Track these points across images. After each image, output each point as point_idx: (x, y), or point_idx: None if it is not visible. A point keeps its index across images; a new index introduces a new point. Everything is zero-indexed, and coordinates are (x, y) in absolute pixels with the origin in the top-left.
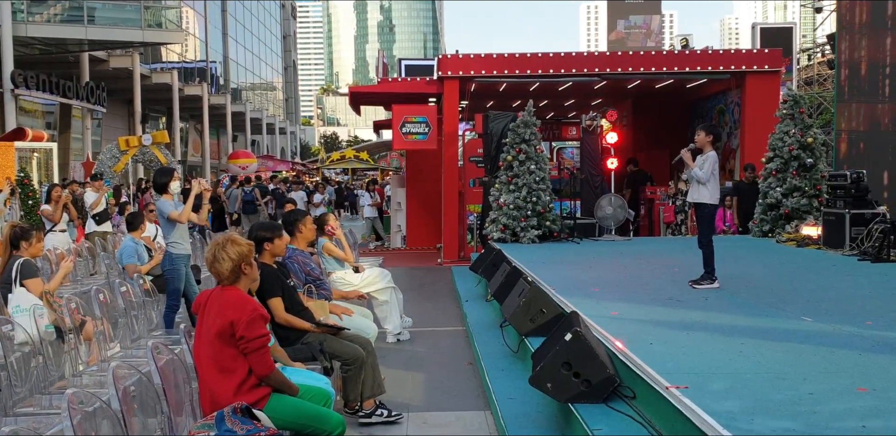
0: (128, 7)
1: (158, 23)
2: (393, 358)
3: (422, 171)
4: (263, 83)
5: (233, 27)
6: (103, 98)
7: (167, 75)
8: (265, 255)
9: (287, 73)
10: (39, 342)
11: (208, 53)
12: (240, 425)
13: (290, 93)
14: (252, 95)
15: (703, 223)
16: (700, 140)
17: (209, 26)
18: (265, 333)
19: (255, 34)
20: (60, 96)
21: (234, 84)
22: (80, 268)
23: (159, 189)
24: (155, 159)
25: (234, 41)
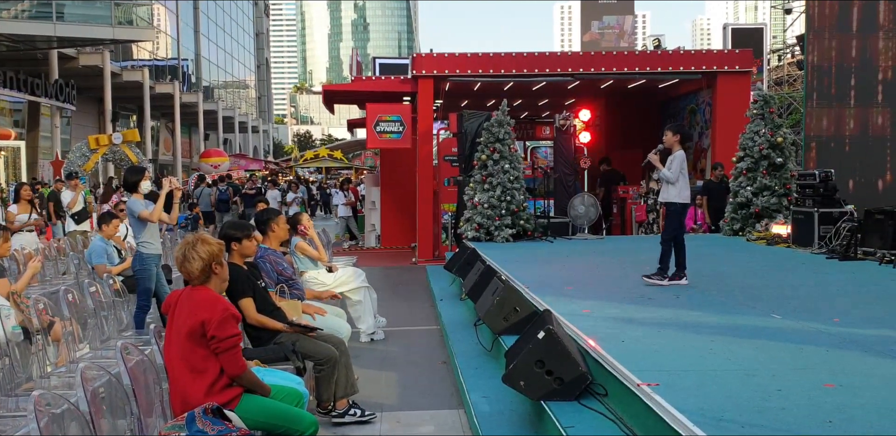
0: (98, 4)
1: (129, 20)
2: (367, 358)
3: (396, 170)
4: (236, 81)
5: (205, 25)
6: (73, 96)
7: (138, 73)
8: (234, 255)
9: (260, 71)
10: (6, 343)
11: (180, 51)
12: (210, 425)
13: (262, 91)
14: (224, 93)
15: (669, 220)
16: (668, 140)
17: (181, 24)
18: (237, 332)
19: (228, 32)
20: (28, 94)
21: (206, 82)
22: (50, 268)
23: (130, 188)
24: (125, 158)
25: (206, 39)
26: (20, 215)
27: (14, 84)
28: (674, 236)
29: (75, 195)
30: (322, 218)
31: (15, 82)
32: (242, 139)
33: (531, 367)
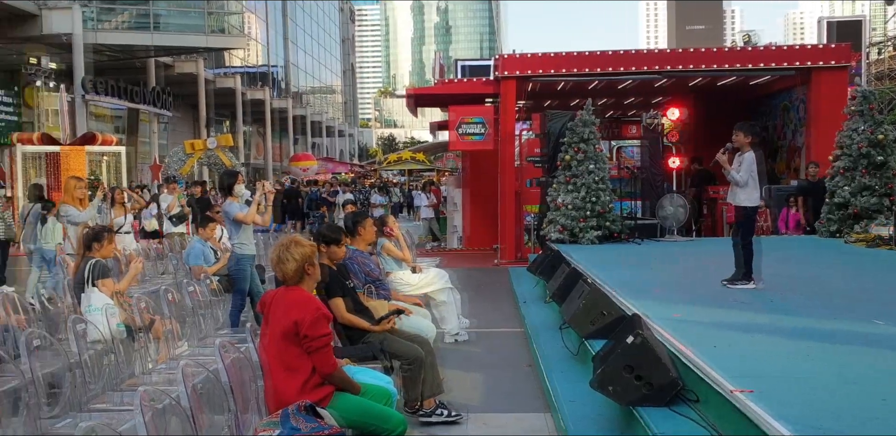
0: (192, 14)
1: (222, 28)
2: (452, 359)
3: (479, 171)
4: (323, 87)
5: (293, 32)
6: (170, 103)
7: (231, 80)
8: (324, 256)
9: (346, 76)
10: (111, 341)
11: (270, 58)
12: (304, 422)
13: (349, 95)
14: (313, 99)
15: (743, 225)
16: (738, 140)
17: (271, 31)
18: (328, 332)
19: (316, 38)
20: (129, 101)
21: (295, 88)
22: (149, 268)
23: (225, 191)
24: (220, 162)
25: (294, 46)
26: (117, 219)
27: (115, 92)
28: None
29: (173, 199)
30: (406, 219)
31: (116, 90)
32: (329, 143)
33: (620, 372)
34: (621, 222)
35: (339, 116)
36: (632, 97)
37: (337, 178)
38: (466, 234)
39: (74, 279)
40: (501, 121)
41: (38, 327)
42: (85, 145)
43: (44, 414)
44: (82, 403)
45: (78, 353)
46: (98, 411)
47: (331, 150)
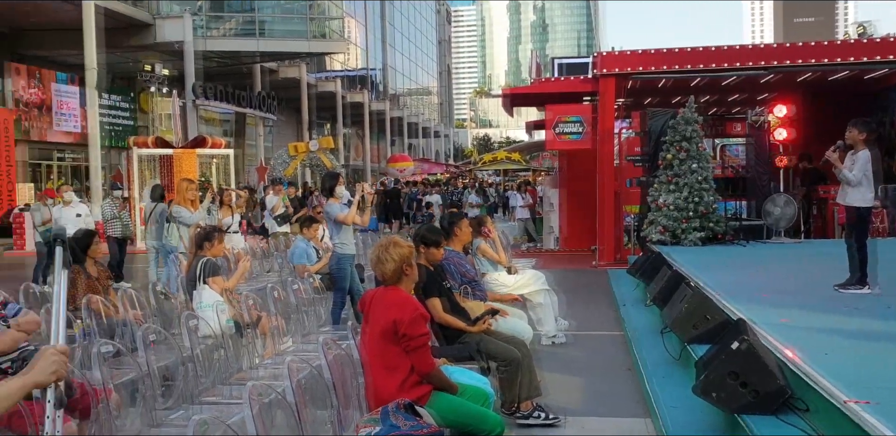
0: (295, 20)
1: (323, 33)
2: (549, 361)
3: (576, 171)
4: (420, 88)
5: (391, 35)
6: (274, 106)
7: (332, 84)
8: (422, 257)
9: (442, 77)
10: (221, 336)
11: (368, 61)
12: (403, 420)
13: (444, 97)
14: (409, 100)
15: (855, 226)
16: (852, 137)
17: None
18: (426, 332)
19: (413, 41)
20: (236, 106)
21: (392, 90)
22: (256, 266)
23: (327, 193)
24: (321, 164)
25: (392, 48)
26: (225, 219)
27: (223, 97)
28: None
29: (278, 200)
30: (501, 220)
31: (224, 95)
32: (426, 144)
33: (725, 378)
34: (725, 223)
35: (435, 117)
36: (736, 94)
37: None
38: (563, 234)
39: (187, 277)
40: (600, 119)
41: (154, 322)
42: (196, 148)
43: (159, 405)
44: (194, 395)
45: (190, 347)
46: (208, 404)
47: (427, 150)
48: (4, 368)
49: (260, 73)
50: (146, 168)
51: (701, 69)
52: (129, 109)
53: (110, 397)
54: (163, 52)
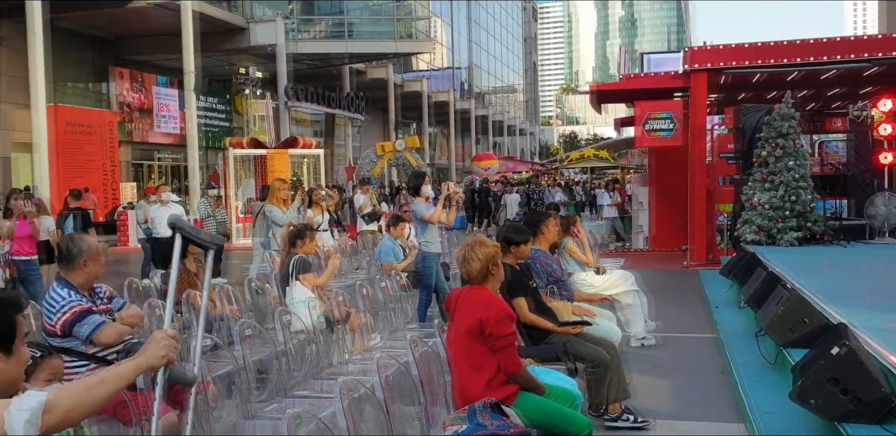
0: (383, 21)
1: (409, 34)
2: (638, 363)
3: (666, 168)
4: (505, 86)
5: (477, 33)
6: (362, 107)
7: (418, 84)
8: (509, 256)
9: (528, 74)
10: (313, 331)
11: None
12: (490, 419)
13: (530, 94)
14: (494, 98)
15: None
16: None
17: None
18: (512, 331)
19: (498, 39)
20: (326, 107)
21: (478, 88)
22: (345, 264)
23: (413, 192)
24: (407, 163)
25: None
26: (315, 218)
27: (314, 98)
28: None
29: (366, 199)
30: (588, 218)
31: (314, 96)
32: (511, 142)
33: (824, 384)
34: (824, 223)
35: (521, 115)
36: (836, 88)
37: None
38: (652, 234)
39: (280, 274)
40: (691, 116)
41: (249, 317)
42: (288, 148)
43: (254, 398)
44: (287, 389)
45: (283, 342)
46: (301, 398)
47: (512, 148)
48: (111, 359)
49: (348, 74)
50: (241, 168)
51: (798, 63)
52: (224, 111)
53: (208, 389)
54: (256, 56)
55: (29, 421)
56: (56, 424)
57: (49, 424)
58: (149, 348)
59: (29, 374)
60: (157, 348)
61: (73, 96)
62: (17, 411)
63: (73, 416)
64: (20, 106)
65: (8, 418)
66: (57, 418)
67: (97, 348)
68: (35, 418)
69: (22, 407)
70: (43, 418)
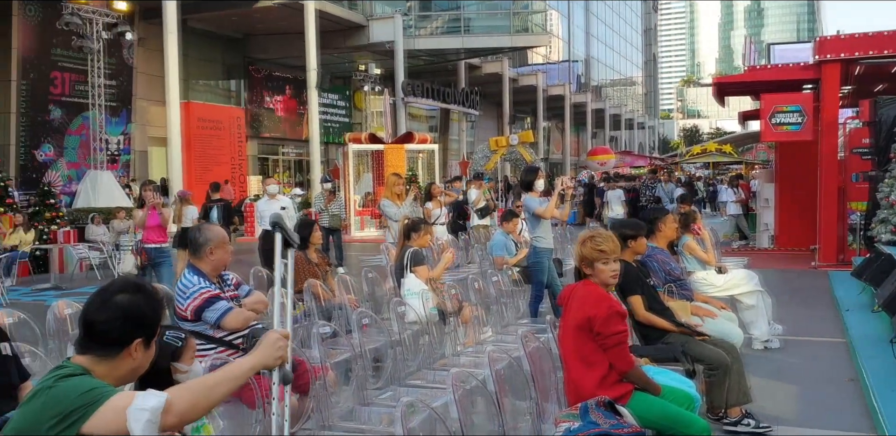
0: (498, 15)
1: (525, 28)
2: (760, 366)
3: (794, 164)
4: (623, 79)
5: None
6: (477, 102)
7: (533, 78)
8: (626, 252)
9: (647, 67)
10: (426, 323)
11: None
12: (603, 418)
13: (649, 87)
14: (612, 91)
15: None
16: None
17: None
18: (621, 329)
19: (616, 31)
20: (441, 102)
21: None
22: (457, 257)
23: (526, 187)
24: (521, 158)
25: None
26: (434, 211)
27: (429, 94)
28: None
29: (479, 193)
30: (709, 216)
31: (430, 92)
32: (628, 136)
33: None
34: None
35: (639, 108)
36: None
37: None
38: (778, 232)
39: (395, 265)
40: (822, 109)
41: (366, 307)
42: (404, 144)
43: (369, 385)
44: (401, 378)
45: (398, 332)
46: (414, 387)
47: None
48: (237, 343)
49: (463, 69)
50: (359, 162)
51: None
52: (345, 108)
53: (327, 375)
54: (374, 52)
55: (150, 421)
56: (174, 424)
57: (168, 423)
58: (264, 348)
59: (178, 355)
60: (273, 348)
61: (204, 93)
62: (138, 411)
63: (190, 416)
64: (156, 103)
65: (129, 416)
66: (175, 418)
67: (224, 332)
68: (155, 417)
69: (143, 406)
70: (162, 418)
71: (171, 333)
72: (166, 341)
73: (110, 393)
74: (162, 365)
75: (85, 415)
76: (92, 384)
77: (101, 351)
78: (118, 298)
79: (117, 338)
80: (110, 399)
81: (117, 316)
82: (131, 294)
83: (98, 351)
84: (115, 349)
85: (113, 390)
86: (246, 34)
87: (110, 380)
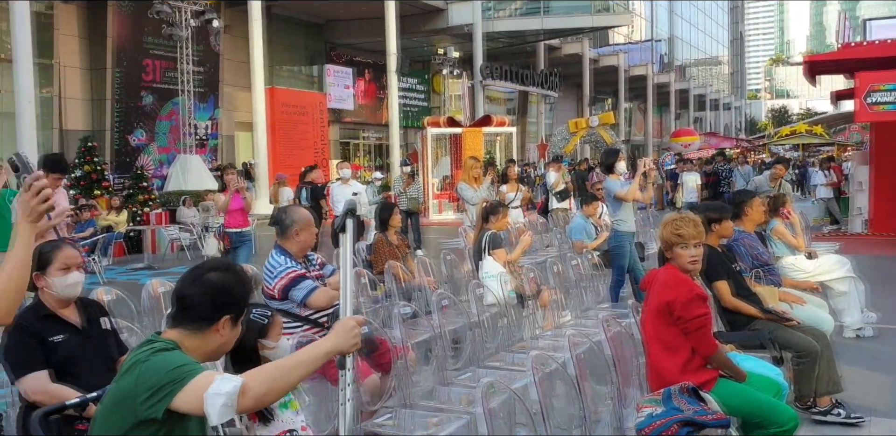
0: None
1: (606, 7)
2: (852, 355)
3: (891, 145)
4: (708, 58)
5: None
6: (556, 84)
7: (614, 58)
8: (711, 236)
9: (734, 45)
10: (505, 305)
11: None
12: (686, 404)
13: (736, 66)
14: (696, 71)
15: None
16: None
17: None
18: (701, 313)
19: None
20: (520, 84)
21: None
22: (536, 241)
23: (607, 169)
24: (601, 140)
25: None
26: (508, 194)
27: (508, 76)
28: None
29: (558, 176)
30: (798, 199)
31: (508, 74)
32: (713, 117)
33: None
34: None
35: (725, 88)
36: None
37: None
38: (872, 217)
39: (473, 248)
40: None
41: (445, 288)
42: (481, 127)
43: (449, 366)
44: (480, 359)
45: (477, 314)
46: (493, 369)
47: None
48: (322, 322)
49: (542, 50)
50: (438, 146)
51: None
52: (424, 92)
53: (408, 354)
54: (453, 36)
55: (225, 405)
56: (250, 406)
57: (244, 406)
58: (339, 334)
59: (265, 332)
60: (349, 335)
61: (288, 79)
62: (214, 395)
63: (266, 399)
64: (242, 88)
65: (207, 401)
66: (251, 401)
67: (310, 310)
68: (231, 401)
69: (219, 391)
70: (238, 401)
71: (258, 310)
72: (253, 318)
73: (196, 372)
74: (250, 342)
75: (172, 392)
76: (181, 361)
77: (190, 325)
78: (209, 276)
79: (207, 314)
80: (194, 379)
81: (207, 292)
82: (222, 273)
83: (188, 325)
84: (204, 325)
85: (199, 368)
86: (328, 20)
87: (198, 354)
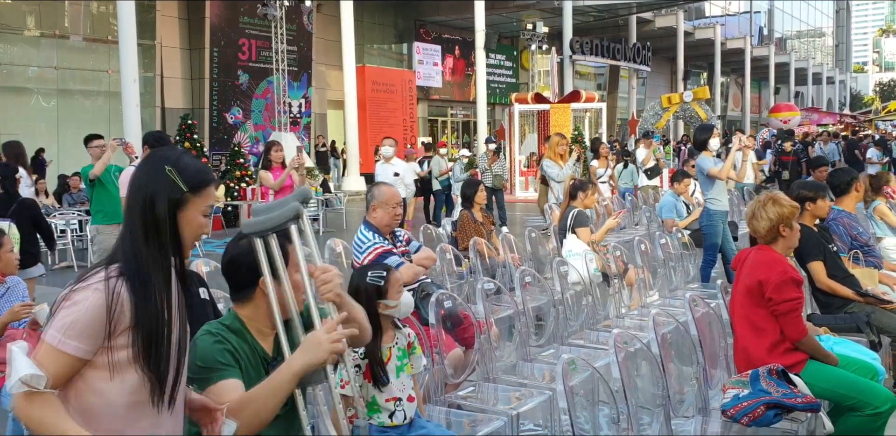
0: None
1: None
2: None
3: None
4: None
5: None
6: (648, 58)
7: (710, 30)
8: (806, 216)
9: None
10: (589, 284)
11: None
12: (775, 386)
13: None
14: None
15: None
16: None
17: None
18: (794, 296)
19: None
20: (610, 59)
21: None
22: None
23: (699, 146)
24: (695, 115)
25: None
26: (599, 169)
27: (598, 51)
28: None
29: (648, 152)
30: None
31: (598, 49)
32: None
33: None
34: None
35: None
36: None
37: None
38: None
39: (559, 226)
40: None
41: (529, 265)
42: (570, 103)
43: (531, 342)
44: (563, 337)
45: (560, 291)
46: (576, 346)
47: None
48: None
49: (634, 24)
50: (525, 123)
51: None
52: (511, 68)
53: (491, 329)
54: (542, 10)
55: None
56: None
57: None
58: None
59: (384, 293)
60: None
61: (377, 57)
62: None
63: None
64: (333, 67)
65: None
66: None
67: None
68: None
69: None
70: None
71: (372, 273)
72: (369, 282)
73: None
74: (369, 309)
75: (201, 386)
76: (208, 361)
77: (236, 295)
78: (235, 245)
79: (243, 280)
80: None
81: (230, 260)
82: (234, 244)
83: (235, 296)
84: (247, 292)
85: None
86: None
87: (259, 322)
